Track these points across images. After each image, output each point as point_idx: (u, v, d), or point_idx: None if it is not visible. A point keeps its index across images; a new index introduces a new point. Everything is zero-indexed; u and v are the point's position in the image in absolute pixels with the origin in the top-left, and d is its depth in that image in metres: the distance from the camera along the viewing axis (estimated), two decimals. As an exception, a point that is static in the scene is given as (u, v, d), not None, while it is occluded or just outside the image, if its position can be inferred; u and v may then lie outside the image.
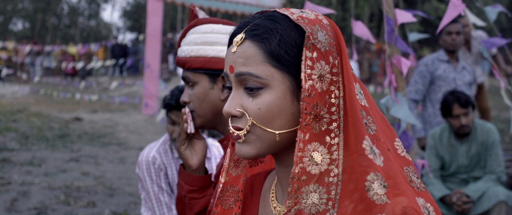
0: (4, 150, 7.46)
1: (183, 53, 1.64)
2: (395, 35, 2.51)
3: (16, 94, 16.41)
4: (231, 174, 1.11)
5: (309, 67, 0.92)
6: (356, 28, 2.76)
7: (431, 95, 4.87)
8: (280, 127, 0.95)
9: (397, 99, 2.53)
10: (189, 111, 1.63)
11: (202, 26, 1.64)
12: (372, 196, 0.87)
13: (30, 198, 5.36)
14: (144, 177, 2.85)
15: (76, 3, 37.42)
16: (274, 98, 0.95)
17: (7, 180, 5.95)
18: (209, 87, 1.61)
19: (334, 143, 0.92)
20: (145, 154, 2.89)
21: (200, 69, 1.60)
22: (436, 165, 4.17)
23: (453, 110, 4.03)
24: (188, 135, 1.64)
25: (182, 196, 1.68)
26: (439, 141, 4.20)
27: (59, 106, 13.68)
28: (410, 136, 2.56)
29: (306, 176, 0.91)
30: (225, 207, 1.09)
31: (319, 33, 0.94)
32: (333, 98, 0.93)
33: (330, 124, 0.93)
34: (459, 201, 3.87)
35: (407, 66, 2.50)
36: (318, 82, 0.93)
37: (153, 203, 2.83)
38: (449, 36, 4.88)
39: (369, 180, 0.88)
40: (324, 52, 0.94)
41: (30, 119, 10.33)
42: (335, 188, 0.90)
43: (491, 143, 4.08)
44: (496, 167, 4.06)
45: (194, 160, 1.64)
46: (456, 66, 4.90)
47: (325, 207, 0.90)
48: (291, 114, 0.95)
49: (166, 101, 2.80)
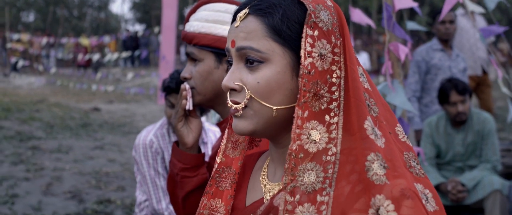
0: (32, 138, 7.84)
1: (192, 28, 1.61)
2: (393, 22, 2.53)
3: (32, 85, 16.79)
4: (228, 155, 1.11)
5: (310, 45, 0.93)
6: (354, 15, 2.78)
7: (427, 84, 4.91)
8: (278, 102, 0.96)
9: (393, 86, 2.56)
10: (189, 87, 1.62)
11: (216, 4, 1.63)
12: (372, 176, 0.87)
13: (64, 183, 5.72)
14: (140, 160, 2.84)
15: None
16: (274, 73, 0.95)
17: (40, 166, 6.32)
18: (214, 66, 1.60)
19: (333, 122, 0.92)
20: (142, 137, 2.87)
21: (208, 46, 1.58)
22: (432, 153, 4.19)
23: (451, 97, 4.04)
24: (185, 111, 1.62)
25: (174, 174, 1.67)
26: (435, 129, 4.22)
27: (75, 97, 14.05)
28: (406, 123, 2.60)
29: (303, 154, 0.91)
30: (221, 188, 1.09)
31: (321, 13, 0.95)
32: (334, 78, 0.94)
33: (330, 103, 0.93)
34: (454, 190, 3.89)
35: (404, 53, 2.53)
36: (319, 61, 0.93)
37: (149, 186, 2.82)
38: (442, 25, 4.93)
39: (369, 160, 0.88)
40: (326, 31, 0.94)
41: (52, 109, 10.71)
42: (332, 167, 0.90)
43: (487, 131, 4.09)
44: (491, 156, 4.06)
45: (190, 138, 1.62)
46: (451, 54, 4.96)
47: (321, 185, 0.89)
48: (290, 90, 0.96)
49: (166, 84, 2.76)
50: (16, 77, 18.44)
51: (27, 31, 23.71)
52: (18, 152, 6.97)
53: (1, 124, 8.55)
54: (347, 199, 0.88)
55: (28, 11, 34.01)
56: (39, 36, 21.89)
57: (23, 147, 7.28)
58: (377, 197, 0.85)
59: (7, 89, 15.02)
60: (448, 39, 4.98)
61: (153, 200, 2.83)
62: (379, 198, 0.85)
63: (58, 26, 29.27)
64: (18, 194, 5.23)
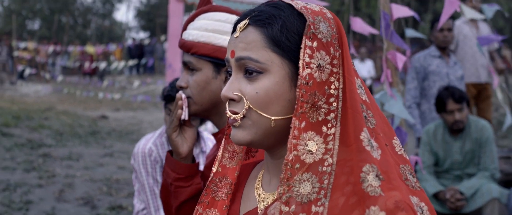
0: (43, 146, 7.96)
1: (191, 37, 1.59)
2: (391, 30, 2.52)
3: (38, 93, 16.94)
4: (224, 165, 1.11)
5: (308, 56, 0.93)
6: (354, 24, 2.75)
7: (425, 91, 4.93)
8: (276, 113, 0.96)
9: (393, 94, 2.55)
10: (185, 97, 1.59)
11: (216, 13, 1.61)
12: (366, 188, 0.87)
13: (76, 189, 5.84)
14: (139, 169, 2.82)
15: (91, 3, 38.05)
16: (272, 84, 0.95)
17: (52, 173, 6.44)
18: (212, 76, 1.57)
19: (330, 133, 0.93)
20: (141, 145, 2.85)
21: (207, 56, 1.56)
22: (430, 161, 4.17)
23: (447, 105, 4.01)
24: (180, 121, 1.60)
25: (168, 184, 1.65)
26: (433, 137, 4.20)
27: (82, 105, 14.19)
28: (404, 131, 2.59)
29: (299, 164, 0.91)
30: (217, 198, 1.08)
31: (321, 24, 0.95)
32: (333, 89, 0.94)
33: (328, 114, 0.93)
34: (453, 198, 3.87)
35: (402, 61, 2.52)
36: (317, 72, 0.93)
37: (148, 195, 2.80)
38: (441, 33, 4.94)
39: (365, 171, 0.88)
40: (325, 43, 0.94)
41: (60, 117, 10.84)
42: (328, 178, 0.90)
43: (485, 139, 4.07)
44: (490, 164, 4.04)
45: (184, 147, 1.60)
46: (448, 61, 4.97)
47: (316, 196, 0.89)
48: (288, 100, 0.96)
49: (166, 93, 2.75)
50: (22, 85, 18.60)
51: (33, 39, 23.91)
52: (29, 159, 7.09)
53: (12, 131, 8.67)
54: (341, 211, 0.88)
55: (33, 19, 34.26)
56: (46, 44, 22.07)
57: (34, 154, 7.41)
58: (371, 208, 0.85)
59: (14, 97, 15.16)
60: (446, 47, 5.02)
61: (151, 208, 2.82)
62: (374, 210, 0.85)
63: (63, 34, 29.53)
64: (32, 200, 5.35)
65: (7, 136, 8.29)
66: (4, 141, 7.98)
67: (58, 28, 32.30)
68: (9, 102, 13.25)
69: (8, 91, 16.83)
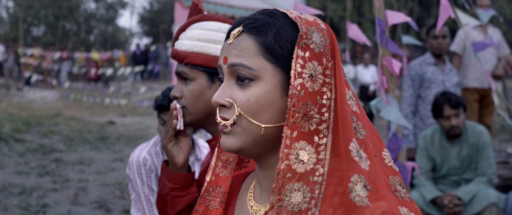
0: (54, 151, 8.14)
1: (184, 47, 1.58)
2: (386, 37, 2.53)
3: (45, 99, 17.12)
4: (218, 174, 1.10)
5: (300, 66, 0.93)
6: (351, 31, 2.75)
7: (421, 98, 4.92)
8: (267, 121, 0.96)
9: (388, 100, 2.55)
10: (180, 107, 1.59)
11: (209, 22, 1.60)
12: (354, 198, 0.87)
13: (89, 193, 6.00)
14: (134, 178, 2.82)
15: (94, 9, 38.32)
16: (264, 91, 0.95)
17: (65, 178, 6.61)
18: (206, 86, 1.57)
19: (322, 143, 0.93)
20: (136, 155, 2.84)
21: (200, 66, 1.56)
22: (428, 167, 4.16)
23: (444, 111, 4.01)
24: (175, 131, 1.60)
25: (164, 194, 1.65)
26: (430, 142, 4.19)
27: (89, 110, 14.36)
28: (400, 138, 2.58)
29: (291, 174, 0.91)
30: (210, 207, 1.08)
31: (314, 34, 0.95)
32: (325, 99, 0.94)
33: (320, 124, 0.93)
34: (451, 204, 3.86)
35: (398, 67, 2.52)
36: (309, 82, 0.93)
37: (144, 204, 2.80)
38: (435, 40, 4.95)
39: (353, 181, 0.88)
40: (318, 53, 0.94)
41: (69, 123, 11.02)
42: (319, 188, 0.90)
43: (482, 145, 4.06)
44: (487, 169, 4.03)
45: (180, 157, 1.60)
46: (444, 68, 4.98)
47: (307, 205, 0.90)
48: (279, 109, 0.96)
49: (158, 102, 2.75)
50: (29, 91, 18.80)
51: (38, 46, 24.13)
52: (42, 164, 7.26)
53: (24, 137, 8.86)
54: None
55: (38, 25, 34.53)
56: (52, 51, 22.29)
57: (46, 159, 7.58)
58: None
59: (22, 103, 15.34)
60: (441, 54, 5.02)
61: None
62: None
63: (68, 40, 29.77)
64: (48, 204, 5.52)
65: (19, 142, 8.47)
66: (17, 146, 8.16)
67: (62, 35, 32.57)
68: (17, 108, 13.44)
69: (15, 98, 17.01)
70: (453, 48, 5.86)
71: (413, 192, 4.08)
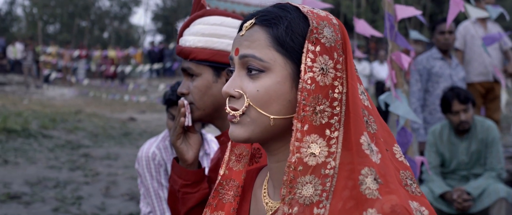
0: (81, 147, 8.44)
1: (188, 43, 1.58)
2: (395, 31, 2.52)
3: (64, 96, 17.49)
4: (231, 168, 1.11)
5: (311, 60, 0.94)
6: (358, 26, 2.73)
7: (429, 92, 4.93)
8: (276, 112, 0.96)
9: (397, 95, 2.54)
10: (187, 103, 1.59)
11: (211, 17, 1.60)
12: (364, 190, 0.87)
13: (120, 186, 6.28)
14: (143, 173, 2.83)
15: (108, 7, 38.76)
16: (274, 83, 0.96)
17: (95, 172, 6.90)
18: (212, 81, 1.57)
19: (333, 136, 0.93)
20: (144, 149, 2.86)
21: (205, 61, 1.56)
22: (436, 162, 4.15)
23: (453, 106, 4.00)
24: (183, 128, 1.59)
25: (175, 191, 1.64)
26: (439, 137, 4.18)
27: (108, 107, 14.69)
28: (409, 132, 2.58)
29: (302, 167, 0.91)
30: (224, 201, 1.09)
31: (325, 29, 0.96)
32: (336, 93, 0.94)
33: (331, 118, 0.93)
34: (460, 198, 3.85)
35: (407, 62, 2.51)
36: (320, 76, 0.93)
37: (153, 199, 2.80)
38: (441, 35, 4.95)
39: (363, 174, 0.88)
40: (329, 47, 0.95)
41: (92, 119, 11.34)
42: (331, 180, 0.90)
43: (491, 140, 4.05)
44: (496, 164, 4.01)
45: (190, 154, 1.60)
46: (450, 63, 4.98)
47: (319, 198, 0.90)
48: (289, 101, 0.96)
49: (167, 97, 2.76)
50: (49, 88, 19.19)
51: (55, 44, 24.54)
52: (72, 159, 7.56)
53: (51, 133, 9.17)
54: (340, 214, 0.88)
55: (54, 24, 35.01)
56: (70, 49, 22.69)
57: (75, 154, 7.88)
58: (368, 211, 0.86)
59: (42, 100, 15.71)
60: (448, 49, 5.04)
61: (157, 212, 2.82)
62: (371, 212, 0.86)
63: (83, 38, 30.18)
64: (82, 196, 5.80)
65: (47, 138, 8.78)
66: (46, 142, 8.47)
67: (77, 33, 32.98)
68: (40, 105, 13.79)
69: (35, 95, 17.39)
70: (454, 44, 5.81)
71: (422, 187, 4.09)
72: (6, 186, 5.88)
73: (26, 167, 6.77)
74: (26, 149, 7.74)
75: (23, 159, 7.15)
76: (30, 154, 7.50)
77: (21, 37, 27.36)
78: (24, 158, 7.23)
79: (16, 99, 14.92)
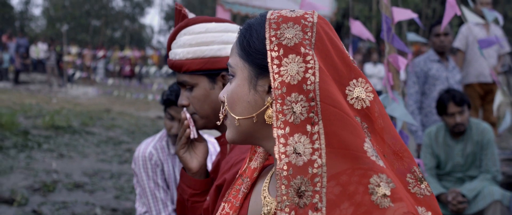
0: (122, 142, 9.17)
1: (178, 56, 1.59)
2: (392, 34, 2.51)
3: (87, 95, 18.20)
4: (250, 166, 1.14)
5: (277, 65, 0.94)
6: (354, 28, 2.72)
7: (426, 94, 4.95)
8: (239, 113, 1.01)
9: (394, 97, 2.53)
10: (189, 114, 1.60)
11: (195, 26, 1.60)
12: (376, 200, 0.86)
13: (167, 178, 6.99)
14: (140, 173, 2.81)
15: (122, 7, 39.54)
16: (236, 86, 1.01)
17: (142, 165, 7.62)
18: (209, 88, 1.58)
19: (315, 131, 0.91)
20: (141, 149, 2.83)
21: (198, 71, 1.57)
22: (432, 163, 4.14)
23: (448, 108, 3.99)
24: (188, 138, 1.60)
25: (184, 200, 1.66)
26: (434, 139, 4.18)
27: (133, 106, 15.39)
28: (406, 135, 2.56)
29: (292, 169, 0.91)
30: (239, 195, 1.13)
31: (286, 31, 0.96)
32: (309, 84, 0.92)
33: (310, 111, 0.92)
34: (455, 200, 3.83)
35: (404, 64, 2.51)
36: (289, 76, 0.93)
37: (149, 199, 2.78)
38: (437, 37, 4.97)
39: (373, 183, 0.87)
40: (293, 46, 0.95)
41: (124, 117, 12.07)
42: (320, 180, 0.89)
43: (486, 142, 4.03)
44: (491, 166, 3.99)
45: (194, 163, 1.61)
46: (447, 65, 4.99)
47: (311, 200, 0.89)
48: (247, 102, 1.00)
49: (165, 97, 2.76)
50: (72, 88, 19.94)
51: (75, 44, 25.33)
52: (118, 153, 8.27)
53: (92, 130, 9.91)
54: None
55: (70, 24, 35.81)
56: (91, 49, 23.49)
57: (119, 149, 8.60)
58: None
59: (67, 99, 16.44)
60: (444, 51, 5.04)
61: (153, 212, 2.81)
62: None
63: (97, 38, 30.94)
64: (137, 186, 6.52)
65: (90, 134, 9.52)
66: (90, 138, 9.21)
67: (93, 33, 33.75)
68: (69, 104, 14.53)
69: (59, 94, 18.13)
70: (456, 44, 5.98)
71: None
72: (67, 177, 6.61)
73: (80, 160, 7.50)
74: (75, 144, 8.48)
75: (75, 153, 7.88)
76: (80, 148, 8.23)
77: (43, 37, 28.14)
78: (75, 152, 7.97)
79: (46, 98, 15.68)
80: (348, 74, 0.97)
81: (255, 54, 0.99)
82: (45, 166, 6.97)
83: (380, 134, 0.97)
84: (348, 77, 0.97)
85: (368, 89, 0.97)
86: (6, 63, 21.10)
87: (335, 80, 0.95)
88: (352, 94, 0.96)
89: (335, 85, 0.94)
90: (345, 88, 0.96)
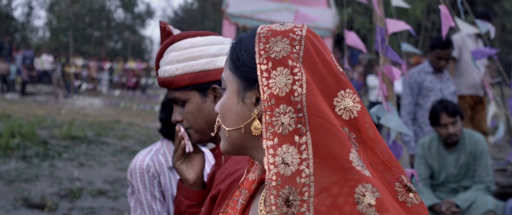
0: (137, 152, 9.52)
1: (167, 73, 1.59)
2: (386, 45, 2.52)
3: (93, 106, 18.51)
4: (247, 178, 1.15)
5: (266, 78, 0.96)
6: (348, 38, 2.72)
7: (419, 105, 4.96)
8: (229, 125, 1.04)
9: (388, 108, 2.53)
10: (184, 129, 1.60)
11: (181, 42, 1.60)
12: (362, 209, 0.86)
13: (183, 185, 7.34)
14: (137, 185, 2.75)
15: (123, 19, 39.94)
16: (226, 98, 1.05)
17: (158, 173, 7.97)
18: (201, 101, 1.59)
19: (302, 142, 0.93)
20: (138, 161, 2.78)
21: (189, 86, 1.58)
22: (426, 174, 4.15)
23: (441, 119, 4.00)
24: (184, 151, 1.61)
25: (182, 211, 1.66)
26: (428, 150, 4.18)
27: (139, 117, 15.72)
28: (400, 145, 2.57)
29: (281, 179, 0.92)
30: (237, 206, 1.13)
31: (275, 45, 0.98)
32: (297, 95, 0.94)
33: (298, 122, 0.93)
34: (448, 211, 3.84)
35: (398, 75, 2.52)
36: (278, 89, 0.95)
37: (145, 211, 2.73)
38: (437, 59, 4.94)
39: (358, 192, 0.88)
40: (281, 58, 0.97)
41: (133, 128, 12.42)
42: (308, 190, 0.90)
43: (479, 152, 4.04)
44: (485, 176, 4.00)
45: (191, 174, 1.62)
46: (442, 77, 4.99)
47: (299, 209, 0.90)
48: (236, 114, 1.02)
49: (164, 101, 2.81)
50: (79, 99, 20.28)
51: (79, 56, 25.70)
52: (134, 162, 8.62)
53: (106, 140, 10.27)
54: None
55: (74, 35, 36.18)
56: (97, 61, 23.85)
57: (134, 158, 8.94)
58: None
59: (76, 110, 16.76)
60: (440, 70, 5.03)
61: None
62: None
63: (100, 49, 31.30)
64: (156, 192, 6.86)
65: (105, 144, 9.87)
66: (105, 148, 9.56)
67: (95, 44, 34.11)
68: (78, 115, 14.87)
69: (66, 105, 18.45)
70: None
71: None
72: (90, 184, 6.96)
73: (100, 169, 7.85)
74: (92, 154, 8.83)
75: (93, 162, 8.23)
76: (97, 158, 8.58)
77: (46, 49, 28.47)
78: (94, 161, 8.32)
79: (55, 109, 16.02)
80: (336, 85, 0.99)
81: (243, 67, 1.01)
82: (68, 174, 7.32)
83: (370, 145, 0.99)
84: (336, 89, 0.99)
85: (356, 100, 0.99)
86: (13, 75, 21.47)
87: (323, 91, 0.97)
88: (340, 105, 0.98)
89: (322, 97, 0.96)
90: (333, 99, 0.98)
